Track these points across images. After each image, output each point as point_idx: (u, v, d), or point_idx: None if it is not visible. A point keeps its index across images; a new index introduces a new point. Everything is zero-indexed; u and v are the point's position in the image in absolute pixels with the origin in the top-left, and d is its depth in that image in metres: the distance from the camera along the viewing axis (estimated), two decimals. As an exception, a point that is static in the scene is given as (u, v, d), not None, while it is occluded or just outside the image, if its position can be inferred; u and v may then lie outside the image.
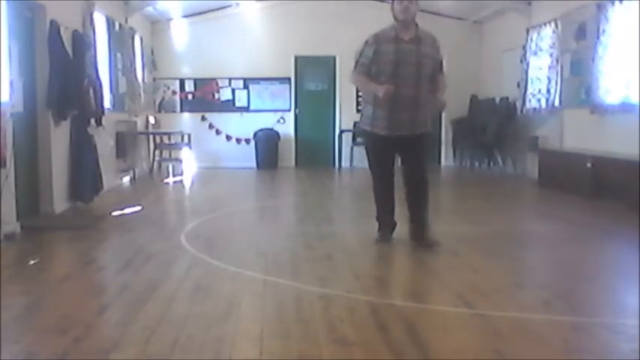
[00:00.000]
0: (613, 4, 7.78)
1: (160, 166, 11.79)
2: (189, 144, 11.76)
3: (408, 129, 4.84)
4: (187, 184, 10.29)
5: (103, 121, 8.07)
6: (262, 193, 9.68)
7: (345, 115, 12.81)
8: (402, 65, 4.73)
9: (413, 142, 4.89)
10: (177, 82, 12.69)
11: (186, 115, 12.73)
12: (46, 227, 6.06)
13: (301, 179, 11.02)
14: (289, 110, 12.84)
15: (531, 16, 10.31)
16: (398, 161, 5.06)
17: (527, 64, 10.28)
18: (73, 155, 7.33)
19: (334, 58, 12.71)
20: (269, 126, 12.68)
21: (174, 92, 12.70)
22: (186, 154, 11.69)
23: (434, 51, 4.86)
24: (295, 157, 12.89)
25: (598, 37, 8.02)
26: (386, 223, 5.14)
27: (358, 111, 12.74)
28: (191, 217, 7.05)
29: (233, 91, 12.74)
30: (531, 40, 10.17)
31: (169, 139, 11.69)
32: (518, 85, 10.54)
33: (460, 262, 4.71)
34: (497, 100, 11.32)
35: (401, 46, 4.73)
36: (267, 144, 12.46)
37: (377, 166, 5.09)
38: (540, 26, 9.91)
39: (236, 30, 12.50)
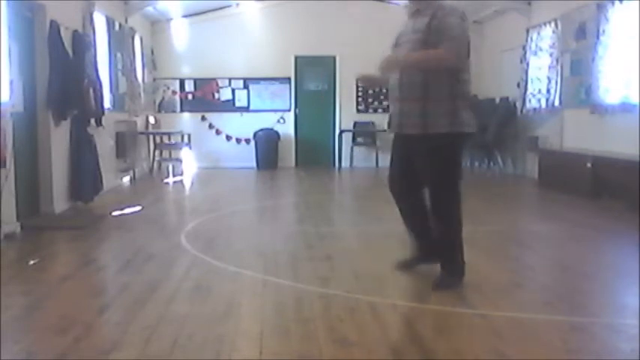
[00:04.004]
0: (613, 4, 7.78)
1: (159, 166, 11.79)
2: (189, 144, 11.76)
3: None
4: (187, 184, 10.29)
5: (103, 121, 8.07)
6: (262, 193, 9.67)
7: (345, 115, 12.82)
8: None
9: None
10: (177, 82, 12.69)
11: (186, 115, 12.73)
12: (46, 227, 6.06)
13: (301, 179, 11.02)
14: (289, 110, 12.84)
15: (531, 16, 10.32)
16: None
17: (527, 64, 10.29)
18: (73, 155, 7.33)
19: (334, 58, 12.72)
20: (269, 126, 12.68)
21: (174, 92, 12.71)
22: (186, 154, 11.69)
23: None
24: (295, 157, 12.89)
25: (598, 37, 8.02)
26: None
27: (358, 111, 12.81)
28: (191, 217, 7.04)
29: (233, 91, 12.75)
30: (531, 40, 10.17)
31: (169, 139, 11.70)
32: (518, 85, 10.55)
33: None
34: (497, 100, 11.32)
35: None
36: (267, 144, 12.46)
37: (459, 175, 4.08)
38: (540, 26, 9.91)
39: (236, 30, 12.51)
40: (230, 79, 12.71)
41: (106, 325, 3.32)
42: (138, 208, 7.29)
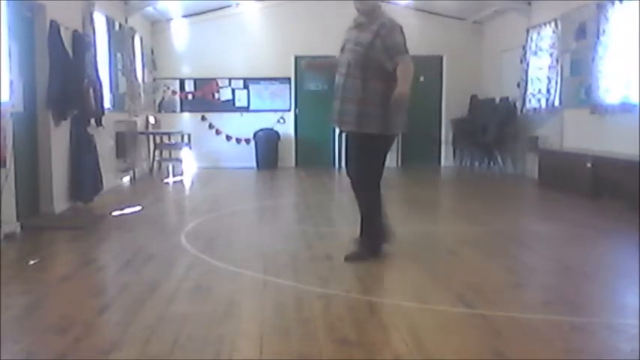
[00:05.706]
0: (613, 4, 7.78)
1: (159, 166, 11.79)
2: (189, 144, 11.76)
3: None
4: (187, 184, 10.29)
5: (103, 121, 8.07)
6: (262, 193, 9.67)
7: (345, 115, 12.78)
8: None
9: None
10: (177, 82, 12.68)
11: (186, 115, 12.73)
12: (46, 227, 6.06)
13: (301, 179, 11.02)
14: (289, 110, 12.84)
15: (531, 16, 10.31)
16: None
17: (527, 64, 10.28)
18: (73, 155, 7.33)
19: (334, 58, 12.69)
20: (269, 126, 12.68)
21: (174, 92, 12.71)
22: (186, 154, 11.69)
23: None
24: (295, 157, 12.89)
25: (598, 37, 8.02)
26: None
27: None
28: (191, 217, 7.04)
29: (233, 91, 12.74)
30: (531, 40, 10.17)
31: (169, 139, 11.70)
32: (518, 85, 10.54)
33: (460, 262, 4.71)
34: (497, 100, 11.32)
35: None
36: (267, 144, 12.46)
37: (381, 167, 4.64)
38: (540, 26, 9.91)
39: (236, 30, 12.50)
40: (230, 79, 12.70)
41: (106, 325, 3.32)
42: (138, 208, 7.28)
